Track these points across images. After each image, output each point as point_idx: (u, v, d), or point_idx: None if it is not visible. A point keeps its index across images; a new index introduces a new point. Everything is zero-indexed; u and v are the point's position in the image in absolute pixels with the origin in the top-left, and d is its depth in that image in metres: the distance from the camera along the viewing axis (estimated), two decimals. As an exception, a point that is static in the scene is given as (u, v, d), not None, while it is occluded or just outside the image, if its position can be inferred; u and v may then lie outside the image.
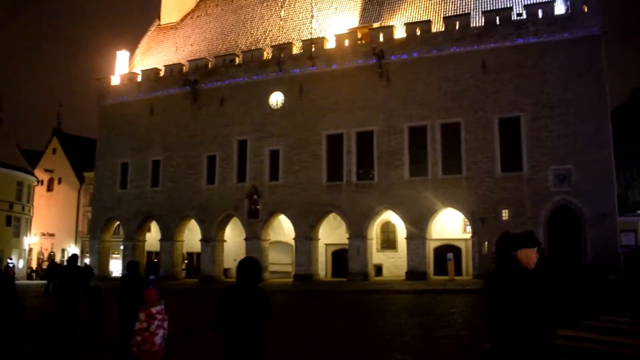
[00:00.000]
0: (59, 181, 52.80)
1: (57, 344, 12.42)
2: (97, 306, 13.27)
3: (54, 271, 25.37)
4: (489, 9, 30.81)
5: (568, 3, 28.78)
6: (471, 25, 30.35)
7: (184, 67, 38.51)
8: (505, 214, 28.15)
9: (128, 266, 11.94)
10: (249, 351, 5.19)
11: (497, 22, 29.61)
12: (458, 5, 32.56)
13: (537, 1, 29.56)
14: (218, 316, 5.23)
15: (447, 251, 30.46)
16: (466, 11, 31.44)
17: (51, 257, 49.86)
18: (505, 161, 28.64)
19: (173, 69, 38.73)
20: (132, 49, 44.54)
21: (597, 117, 27.12)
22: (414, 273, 29.49)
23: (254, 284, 5.30)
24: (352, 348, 11.32)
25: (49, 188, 53.09)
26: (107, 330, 13.12)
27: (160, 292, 9.21)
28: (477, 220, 28.66)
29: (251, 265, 5.38)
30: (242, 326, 5.15)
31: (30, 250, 51.20)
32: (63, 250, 51.28)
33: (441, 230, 31.80)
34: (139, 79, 40.07)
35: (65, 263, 35.47)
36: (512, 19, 29.41)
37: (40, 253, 52.11)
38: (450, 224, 31.98)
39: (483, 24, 30.02)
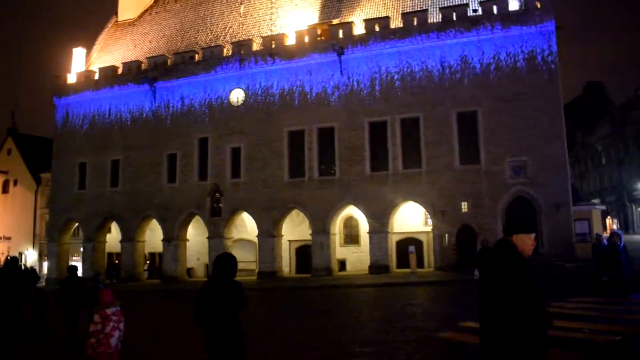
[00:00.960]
0: (15, 183, 51.24)
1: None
2: (38, 307, 13.70)
3: None
4: (445, 5, 31.26)
5: (522, -1, 29.48)
6: (429, 21, 30.77)
7: (143, 64, 37.88)
8: (464, 206, 28.69)
9: (68, 270, 12.82)
10: (228, 342, 5.37)
11: (454, 18, 30.09)
12: (416, 1, 32.96)
13: (492, -3, 30.14)
14: (197, 310, 5.41)
15: (409, 244, 30.87)
16: (424, 7, 31.86)
17: (7, 261, 48.42)
18: (463, 155, 29.19)
19: (131, 66, 38.05)
20: (89, 46, 43.58)
21: (551, 110, 27.88)
22: (377, 267, 29.80)
23: (230, 277, 5.54)
24: (315, 342, 11.43)
25: (4, 190, 51.50)
26: (52, 331, 13.31)
27: (120, 293, 9.17)
28: (437, 213, 29.14)
29: (228, 260, 5.64)
30: (220, 318, 5.35)
31: (-14, 254, 49.65)
32: (20, 254, 49.87)
33: (403, 223, 32.20)
34: (96, 76, 39.21)
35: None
36: (469, 14, 29.94)
37: (-4, 257, 50.61)
38: (411, 218, 32.39)
39: (440, 20, 30.47)
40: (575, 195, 32.00)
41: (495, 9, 29.39)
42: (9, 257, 14.91)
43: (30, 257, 49.39)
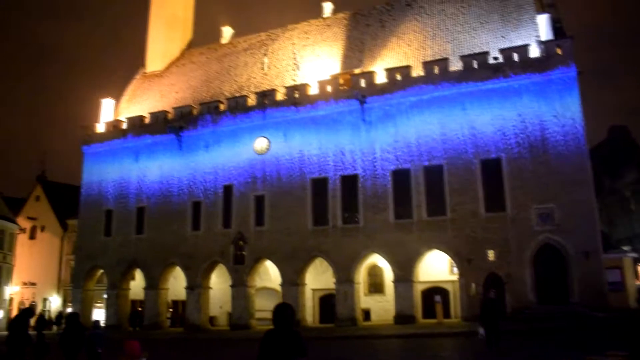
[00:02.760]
0: (42, 229, 52.08)
1: None
2: (40, 351, 15.19)
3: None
4: (466, 53, 31.55)
5: (542, 46, 29.62)
6: (450, 69, 31.05)
7: (169, 114, 38.77)
8: (491, 255, 28.18)
9: (68, 316, 14.36)
10: None
11: (475, 66, 30.33)
12: (436, 50, 33.35)
13: (512, 45, 30.38)
14: (259, 357, 5.74)
15: (435, 293, 30.33)
16: (444, 56, 32.20)
17: (31, 307, 48.59)
18: (488, 202, 28.85)
19: (158, 116, 38.97)
20: (118, 96, 44.87)
21: (576, 155, 27.59)
22: (402, 317, 29.23)
23: (289, 327, 5.79)
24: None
25: (32, 236, 52.29)
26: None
27: (142, 341, 9.17)
28: (463, 261, 28.67)
29: (286, 310, 5.89)
30: None
31: (11, 300, 50.03)
32: (45, 300, 50.21)
33: (428, 272, 31.71)
34: (124, 126, 40.23)
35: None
36: (489, 62, 30.16)
37: (22, 303, 50.88)
38: (436, 266, 31.90)
39: (462, 68, 30.72)
40: (605, 243, 31.25)
41: (516, 57, 29.57)
42: (21, 308, 16.45)
43: (54, 303, 49.67)
